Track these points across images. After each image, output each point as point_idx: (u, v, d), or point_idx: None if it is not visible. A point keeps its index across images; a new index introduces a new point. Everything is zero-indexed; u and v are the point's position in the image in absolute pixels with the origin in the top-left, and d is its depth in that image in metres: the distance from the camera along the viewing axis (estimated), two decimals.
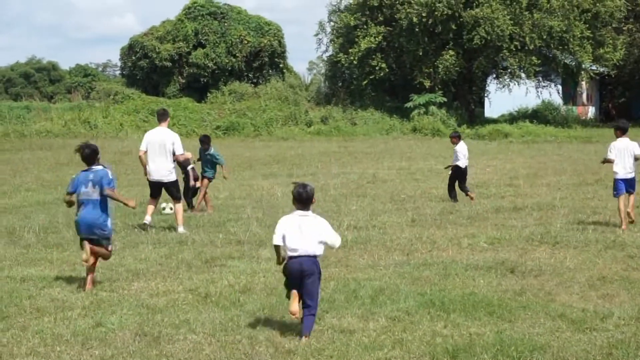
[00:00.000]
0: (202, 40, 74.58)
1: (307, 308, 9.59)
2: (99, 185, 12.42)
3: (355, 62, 63.59)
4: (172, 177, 18.37)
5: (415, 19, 59.68)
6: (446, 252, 15.04)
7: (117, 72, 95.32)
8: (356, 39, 63.32)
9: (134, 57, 76.07)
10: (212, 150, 21.80)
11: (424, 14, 59.55)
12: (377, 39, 62.37)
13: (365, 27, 63.54)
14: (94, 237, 12.33)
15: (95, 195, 12.40)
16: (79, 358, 9.03)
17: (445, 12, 59.03)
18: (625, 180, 17.71)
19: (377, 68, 62.71)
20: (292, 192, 9.97)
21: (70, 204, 12.78)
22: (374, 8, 63.50)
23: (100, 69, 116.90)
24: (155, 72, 74.33)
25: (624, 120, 20.27)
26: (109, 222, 12.49)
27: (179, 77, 74.81)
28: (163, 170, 18.22)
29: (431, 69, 61.62)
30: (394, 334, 9.75)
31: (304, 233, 9.70)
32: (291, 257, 9.60)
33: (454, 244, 15.87)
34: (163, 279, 12.90)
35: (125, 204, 13.04)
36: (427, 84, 61.55)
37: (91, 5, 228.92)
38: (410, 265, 13.73)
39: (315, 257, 9.65)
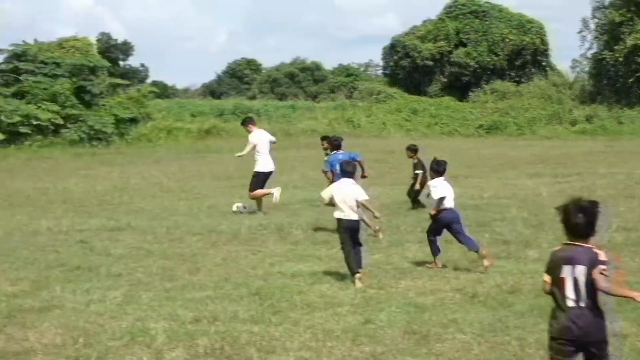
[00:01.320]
0: (463, 39, 74.32)
1: None
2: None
3: (620, 60, 61.70)
4: None
5: None
6: None
7: (379, 72, 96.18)
8: (621, 36, 61.43)
9: (395, 57, 76.77)
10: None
11: None
12: None
13: (631, 23, 61.53)
14: None
15: None
16: (349, 354, 9.15)
17: None
18: None
19: None
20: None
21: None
22: (639, 4, 61.41)
23: (362, 68, 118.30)
24: (417, 71, 74.69)
25: None
26: None
27: (441, 76, 74.86)
28: None
29: None
30: None
31: None
32: None
33: None
34: (429, 277, 12.92)
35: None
36: None
37: (354, 5, 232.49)
38: None
39: None
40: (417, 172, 21.36)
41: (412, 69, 75.12)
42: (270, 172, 21.50)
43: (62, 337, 9.79)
